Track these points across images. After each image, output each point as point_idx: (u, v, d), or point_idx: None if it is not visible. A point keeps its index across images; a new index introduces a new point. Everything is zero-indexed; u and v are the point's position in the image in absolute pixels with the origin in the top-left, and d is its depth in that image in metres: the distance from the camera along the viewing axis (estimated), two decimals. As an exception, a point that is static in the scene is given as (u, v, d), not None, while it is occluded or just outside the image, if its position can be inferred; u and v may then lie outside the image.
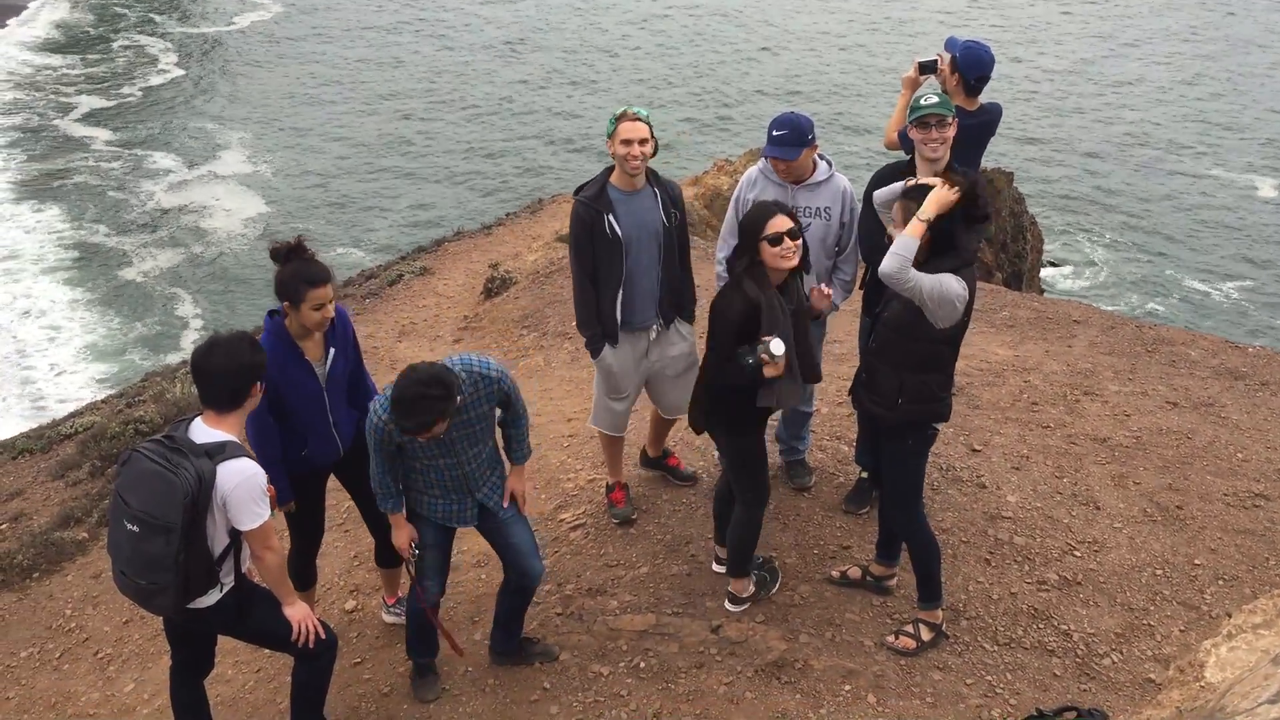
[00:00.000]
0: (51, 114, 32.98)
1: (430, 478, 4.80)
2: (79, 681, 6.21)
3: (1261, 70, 37.88)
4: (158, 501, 4.00)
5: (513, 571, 5.09)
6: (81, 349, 21.38)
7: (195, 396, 9.58)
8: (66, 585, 7.15)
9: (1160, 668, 5.14)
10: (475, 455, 4.82)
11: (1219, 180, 29.08)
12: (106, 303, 23.13)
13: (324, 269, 4.78)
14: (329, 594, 6.20)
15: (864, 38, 41.81)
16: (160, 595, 4.16)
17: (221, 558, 4.26)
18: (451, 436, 4.65)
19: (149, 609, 4.36)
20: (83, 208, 27.18)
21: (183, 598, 4.19)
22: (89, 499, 8.20)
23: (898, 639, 5.30)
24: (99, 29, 41.12)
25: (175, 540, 4.02)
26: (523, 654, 5.32)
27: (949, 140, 5.42)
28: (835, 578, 5.62)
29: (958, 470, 6.60)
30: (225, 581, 4.33)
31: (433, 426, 4.38)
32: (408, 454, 4.70)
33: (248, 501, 4.14)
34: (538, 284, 11.41)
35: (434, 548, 4.98)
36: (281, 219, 26.61)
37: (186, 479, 3.99)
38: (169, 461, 4.03)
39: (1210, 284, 23.88)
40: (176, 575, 4.08)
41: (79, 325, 22.24)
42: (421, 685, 5.27)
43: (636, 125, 5.42)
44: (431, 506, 4.89)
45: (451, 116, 33.74)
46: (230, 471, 4.10)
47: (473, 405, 4.66)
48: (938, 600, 5.28)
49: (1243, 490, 6.61)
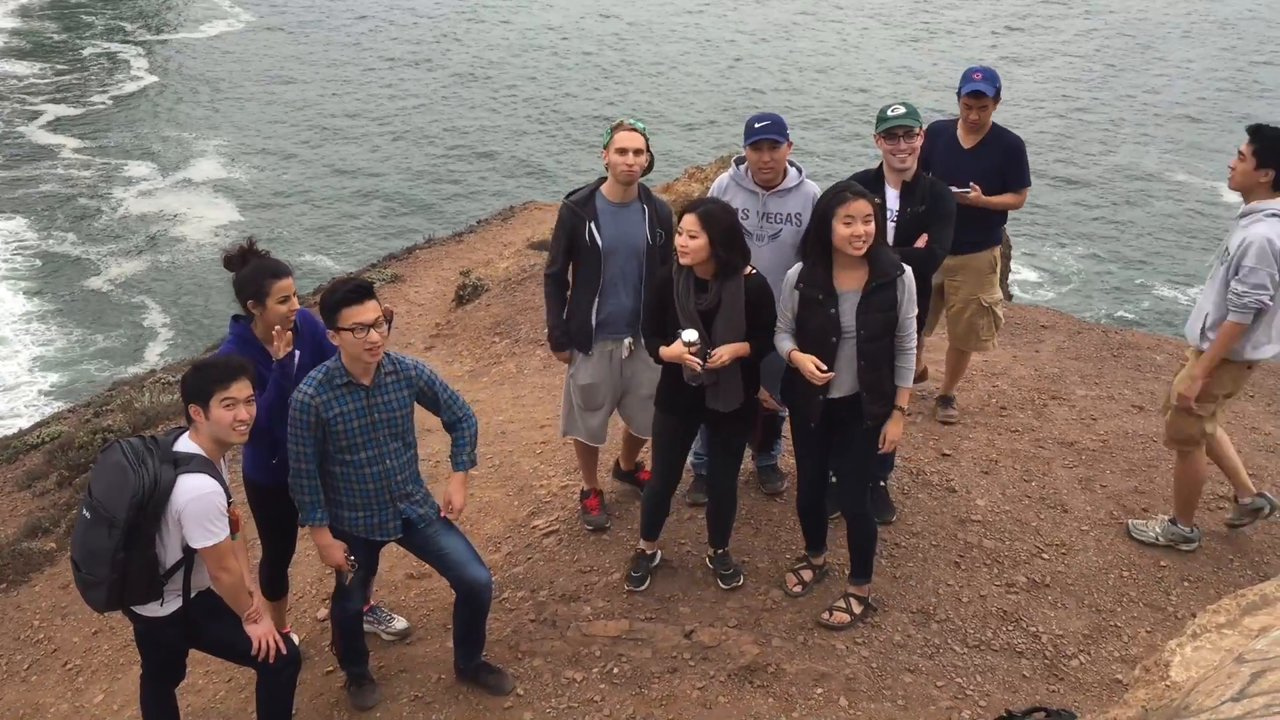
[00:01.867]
0: (17, 121, 32.59)
1: (351, 484, 4.76)
2: (48, 693, 6.16)
3: (1226, 77, 38.37)
4: (110, 493, 4.09)
5: (456, 584, 5.04)
6: (35, 360, 21.06)
7: (163, 404, 9.58)
8: (34, 596, 7.08)
9: (1127, 668, 5.20)
10: (396, 453, 4.80)
11: (1185, 186, 29.42)
12: (68, 313, 22.83)
13: (283, 263, 4.84)
14: (301, 602, 6.18)
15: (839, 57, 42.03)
16: (94, 589, 4.21)
17: (170, 572, 4.26)
18: (374, 419, 4.66)
19: (86, 601, 4.36)
20: (50, 216, 26.83)
21: (117, 598, 4.22)
22: (56, 509, 8.14)
23: (831, 615, 5.47)
24: (64, 35, 40.71)
25: (117, 536, 4.07)
26: (480, 680, 5.23)
27: (916, 151, 5.53)
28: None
29: (927, 474, 6.65)
30: (169, 596, 4.32)
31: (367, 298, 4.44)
32: (330, 448, 4.66)
33: (200, 518, 4.14)
34: (509, 291, 11.42)
35: (365, 565, 4.98)
36: (251, 226, 26.36)
37: (142, 478, 4.06)
38: (135, 457, 4.11)
39: (1177, 289, 24.14)
40: (112, 572, 4.11)
41: (33, 337, 21.92)
42: (359, 693, 5.24)
43: (632, 135, 5.42)
44: (353, 522, 4.84)
45: (423, 125, 33.63)
46: (187, 486, 4.12)
47: (392, 387, 4.71)
48: (869, 577, 5.54)
49: (1207, 493, 6.68)
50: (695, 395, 5.11)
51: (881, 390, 5.03)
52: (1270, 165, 5.27)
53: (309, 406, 4.56)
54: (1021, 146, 6.60)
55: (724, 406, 5.11)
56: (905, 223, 5.62)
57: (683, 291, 4.99)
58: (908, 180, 5.63)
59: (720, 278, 4.96)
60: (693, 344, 4.87)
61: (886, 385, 5.04)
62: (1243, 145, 5.37)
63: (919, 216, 5.60)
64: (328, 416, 4.58)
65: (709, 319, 4.98)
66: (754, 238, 5.63)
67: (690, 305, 4.97)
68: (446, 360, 10.01)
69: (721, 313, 4.96)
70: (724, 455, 5.46)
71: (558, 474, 6.97)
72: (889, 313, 4.91)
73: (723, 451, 5.44)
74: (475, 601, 5.05)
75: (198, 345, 17.78)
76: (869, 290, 4.87)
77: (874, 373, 4.98)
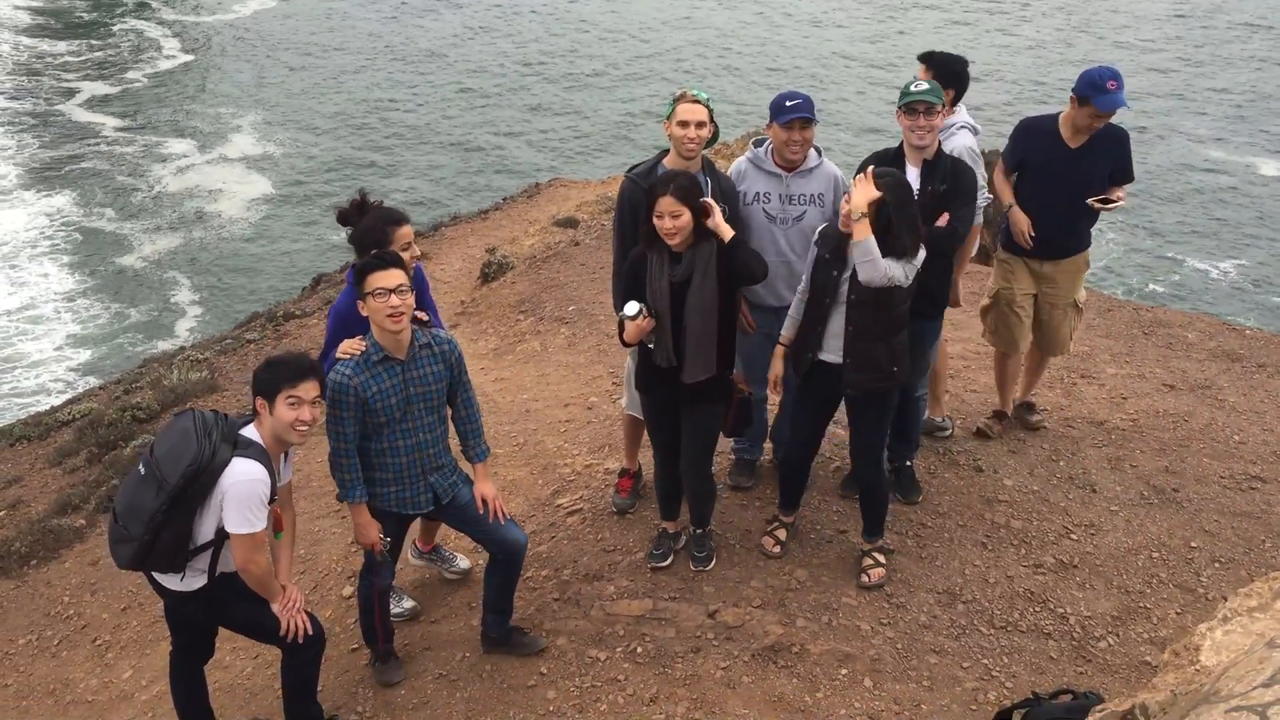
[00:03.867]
0: (56, 99, 32.86)
1: (386, 460, 4.79)
2: (77, 668, 6.22)
3: (1260, 50, 37.75)
4: (170, 456, 4.17)
5: (493, 546, 5.10)
6: (70, 337, 21.30)
7: (191, 382, 9.64)
8: (64, 572, 7.15)
9: (1156, 650, 5.15)
10: (430, 426, 4.83)
11: (1218, 161, 29.00)
12: (103, 289, 23.04)
13: (401, 210, 4.97)
14: (326, 579, 6.21)
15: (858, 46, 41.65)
16: (124, 545, 4.27)
17: (197, 551, 4.29)
18: (409, 393, 4.69)
19: (111, 555, 4.42)
20: (89, 193, 27.03)
21: (141, 559, 4.27)
22: (86, 486, 8.20)
23: (870, 576, 5.55)
24: (94, 14, 40.89)
25: (163, 498, 4.13)
26: (512, 642, 5.30)
27: (936, 128, 5.45)
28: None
29: (954, 454, 6.59)
30: (191, 573, 4.35)
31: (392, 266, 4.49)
32: (368, 427, 4.69)
33: (242, 503, 4.18)
34: (534, 269, 11.40)
35: (394, 539, 5.02)
36: (283, 202, 26.59)
37: (204, 449, 4.13)
38: (202, 428, 4.20)
39: (1210, 264, 23.79)
40: (146, 533, 4.17)
41: (71, 314, 22.15)
42: (384, 670, 5.28)
43: (695, 108, 5.30)
44: (385, 497, 4.88)
45: (452, 101, 33.60)
46: (239, 468, 4.18)
47: (426, 361, 4.74)
48: (882, 533, 5.70)
49: (1239, 473, 6.61)
50: (670, 374, 5.13)
51: (869, 363, 5.12)
52: (949, 85, 5.87)
53: (348, 388, 4.58)
54: (1128, 139, 6.14)
55: (689, 376, 5.11)
56: (926, 201, 5.51)
57: (655, 269, 5.02)
58: (928, 159, 5.55)
59: (694, 247, 4.97)
60: (637, 315, 4.96)
61: (879, 360, 5.10)
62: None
63: (940, 195, 5.52)
64: (367, 395, 4.61)
65: (682, 290, 4.98)
66: (776, 221, 5.57)
67: (663, 281, 4.99)
68: (471, 338, 10.01)
69: (693, 281, 4.95)
70: (696, 437, 5.42)
71: (582, 452, 6.96)
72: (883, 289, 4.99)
73: (694, 432, 5.40)
74: (511, 564, 5.12)
75: (228, 321, 17.86)
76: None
77: (862, 342, 5.09)
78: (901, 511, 6.05)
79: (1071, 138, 6.05)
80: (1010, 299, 6.47)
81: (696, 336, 5.03)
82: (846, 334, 5.10)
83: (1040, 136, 6.15)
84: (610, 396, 7.85)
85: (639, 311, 4.96)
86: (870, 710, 4.89)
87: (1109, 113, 5.88)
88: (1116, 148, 6.09)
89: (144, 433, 8.82)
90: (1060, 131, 6.08)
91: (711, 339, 5.06)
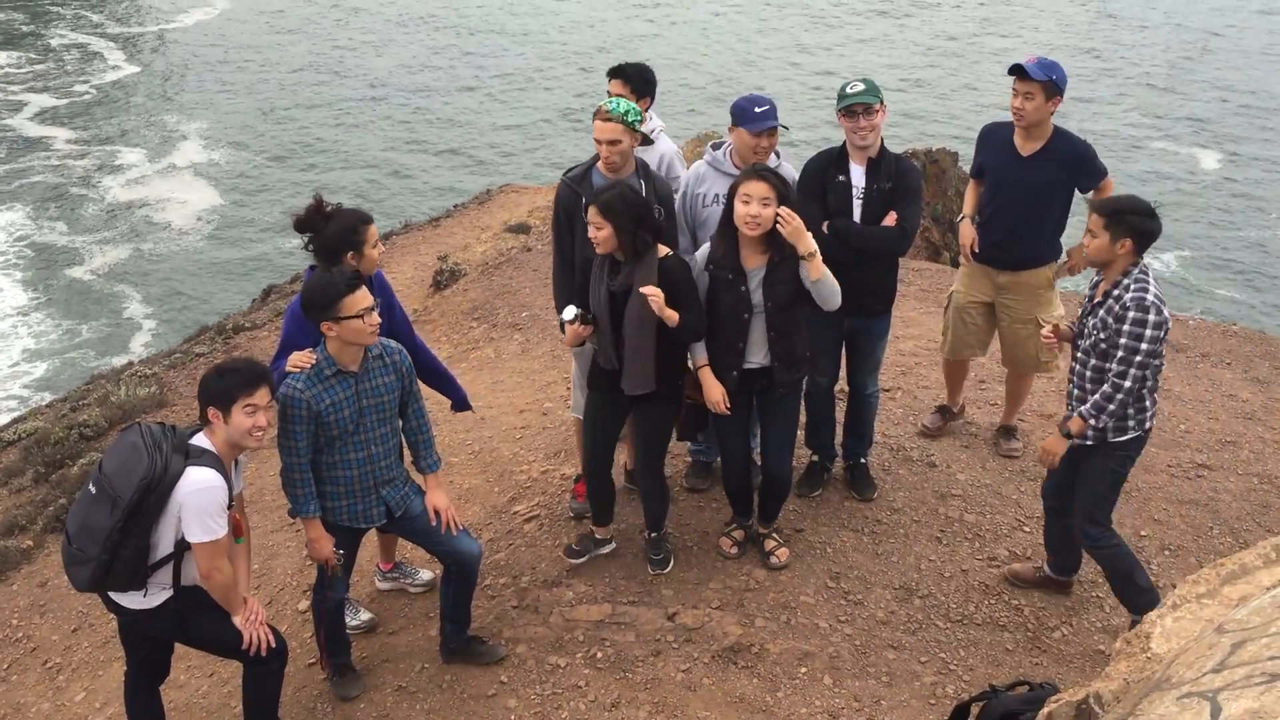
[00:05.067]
0: (3, 112, 32.42)
1: (337, 474, 4.75)
2: (28, 692, 6.11)
3: (1200, 44, 38.43)
4: (120, 472, 4.10)
5: (447, 558, 5.07)
6: (23, 353, 20.94)
7: (140, 398, 9.50)
8: (12, 595, 7.01)
9: (1109, 639, 5.22)
10: (383, 438, 4.80)
11: (1158, 152, 29.48)
12: (54, 304, 22.70)
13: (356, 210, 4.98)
14: (281, 594, 6.14)
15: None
16: (81, 567, 4.20)
17: (157, 565, 4.24)
18: (362, 405, 4.65)
19: (68, 576, 4.35)
20: (41, 207, 26.75)
21: (100, 580, 4.20)
22: (33, 506, 8.05)
23: (778, 557, 5.68)
24: (31, 25, 40.22)
25: (118, 516, 4.07)
26: (471, 652, 5.27)
27: (877, 128, 5.48)
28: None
29: (908, 450, 6.65)
30: (153, 590, 4.30)
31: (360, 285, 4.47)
32: (321, 439, 4.65)
33: (200, 512, 4.13)
34: (487, 275, 11.34)
35: (347, 553, 4.97)
36: (232, 212, 26.35)
37: (155, 462, 4.07)
38: (151, 441, 4.14)
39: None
40: (103, 552, 4.11)
41: (27, 329, 21.80)
42: (342, 684, 5.22)
43: (606, 127, 5.25)
44: (337, 512, 4.83)
45: (398, 109, 33.38)
46: (194, 478, 4.13)
47: (378, 373, 4.70)
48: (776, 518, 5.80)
49: (1186, 461, 6.72)
50: (617, 376, 5.16)
51: (793, 358, 5.22)
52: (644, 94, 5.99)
53: (300, 401, 4.54)
54: (1089, 151, 6.00)
55: (629, 389, 5.14)
56: (872, 200, 5.56)
57: (596, 274, 5.06)
58: (872, 156, 5.58)
59: (634, 260, 4.98)
60: (574, 320, 5.01)
61: (799, 352, 5.24)
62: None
63: (886, 193, 5.55)
64: (320, 408, 4.57)
65: (621, 299, 5.01)
66: None
67: (602, 289, 5.03)
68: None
69: (633, 294, 4.97)
70: (646, 439, 5.44)
71: (538, 459, 6.94)
72: (792, 284, 5.05)
73: (644, 435, 5.43)
74: (466, 575, 5.08)
75: (179, 335, 17.60)
76: (772, 265, 5.03)
77: (784, 342, 5.16)
78: (857, 508, 6.09)
79: (1024, 145, 5.99)
80: (960, 303, 6.47)
81: (634, 348, 5.06)
82: (770, 339, 5.15)
83: (996, 142, 6.14)
84: (565, 402, 7.83)
85: (575, 317, 5.00)
86: (830, 708, 4.92)
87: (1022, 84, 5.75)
88: (1073, 159, 5.96)
89: (91, 450, 8.67)
90: (1014, 139, 6.02)
91: (649, 353, 5.07)
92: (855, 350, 5.95)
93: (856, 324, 5.78)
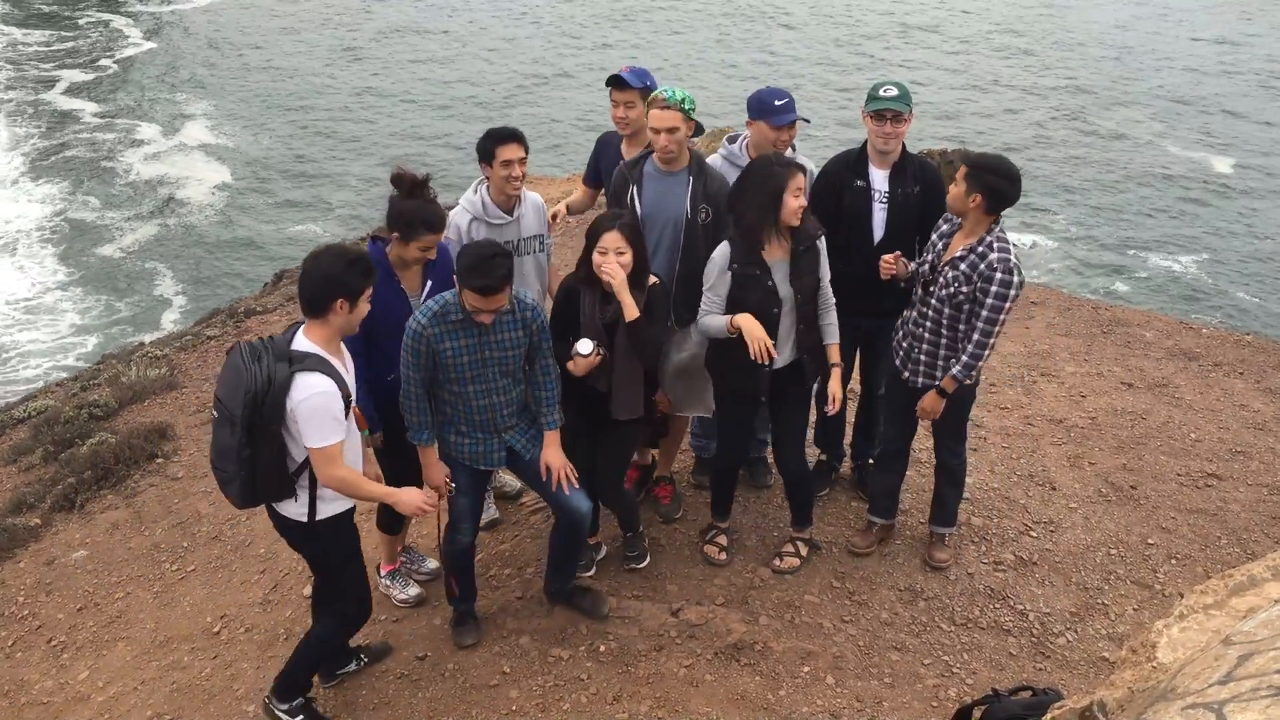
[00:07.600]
0: (38, 88, 32.68)
1: (458, 409, 4.80)
2: (32, 670, 6.13)
3: (1211, 48, 38.26)
4: (229, 392, 4.20)
5: (557, 510, 5.16)
6: (69, 327, 21.15)
7: (150, 379, 9.51)
8: (19, 572, 7.04)
9: (1114, 646, 5.21)
10: (505, 388, 4.81)
11: (1176, 158, 29.36)
12: (90, 280, 22.92)
13: (442, 215, 4.91)
14: (286, 579, 6.15)
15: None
16: (229, 485, 4.35)
17: (300, 469, 4.31)
18: (485, 355, 4.67)
19: (226, 497, 4.45)
20: (76, 181, 26.98)
21: (250, 495, 4.33)
22: (42, 484, 8.06)
23: (782, 560, 5.68)
24: (54, 6, 40.47)
25: (239, 433, 4.17)
26: (574, 602, 5.40)
27: (901, 135, 5.39)
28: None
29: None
30: (303, 496, 4.37)
31: (499, 290, 4.42)
32: (440, 376, 4.69)
33: (312, 417, 4.15)
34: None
35: (467, 494, 5.00)
36: (247, 190, 26.55)
37: (255, 375, 4.14)
38: (248, 358, 4.21)
39: (1168, 260, 24.05)
40: (240, 469, 4.22)
41: (71, 302, 22.05)
42: (460, 631, 5.32)
43: (663, 115, 5.13)
44: (459, 447, 4.89)
45: (413, 89, 33.42)
46: (302, 384, 4.15)
47: (507, 326, 4.69)
48: (811, 521, 5.79)
49: (1195, 470, 6.70)
50: (594, 394, 5.07)
51: (819, 350, 5.21)
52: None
53: (421, 335, 4.58)
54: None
55: (618, 414, 5.12)
56: (899, 205, 5.45)
57: (589, 305, 4.93)
58: (895, 161, 5.50)
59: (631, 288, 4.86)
60: (590, 353, 4.84)
61: (819, 343, 5.22)
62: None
63: (915, 198, 5.43)
64: (438, 349, 4.61)
65: (612, 329, 4.94)
66: None
67: (597, 320, 4.93)
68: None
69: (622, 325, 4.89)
70: (613, 457, 5.38)
71: (545, 450, 6.93)
72: (814, 275, 5.06)
73: (613, 452, 5.36)
74: (575, 529, 5.16)
75: (203, 309, 17.64)
76: (797, 255, 5.00)
77: (811, 334, 5.16)
78: (863, 509, 6.08)
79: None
80: None
81: (624, 376, 5.04)
82: (799, 331, 5.12)
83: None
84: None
85: (593, 350, 4.84)
86: (832, 707, 4.91)
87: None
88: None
89: (101, 430, 8.69)
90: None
91: (639, 380, 5.09)
92: (871, 352, 5.92)
93: (873, 325, 5.74)
